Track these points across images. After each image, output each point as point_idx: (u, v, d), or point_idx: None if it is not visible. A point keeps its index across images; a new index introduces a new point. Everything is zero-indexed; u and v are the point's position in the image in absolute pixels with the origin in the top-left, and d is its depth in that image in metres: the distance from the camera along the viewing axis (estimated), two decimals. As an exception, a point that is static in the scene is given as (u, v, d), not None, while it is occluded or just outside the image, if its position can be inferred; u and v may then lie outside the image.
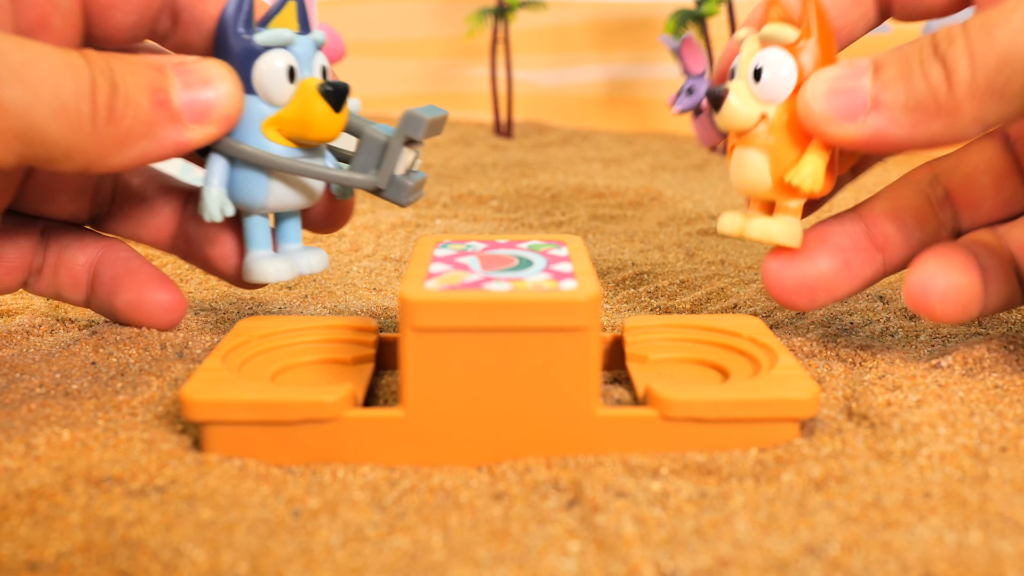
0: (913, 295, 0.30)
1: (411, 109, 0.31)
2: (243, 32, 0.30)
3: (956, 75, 0.27)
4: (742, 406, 0.26)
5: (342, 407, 0.25)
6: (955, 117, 0.27)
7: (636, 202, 0.65)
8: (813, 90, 0.29)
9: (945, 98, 0.27)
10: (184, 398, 0.25)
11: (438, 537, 0.22)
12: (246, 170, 0.31)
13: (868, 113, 0.28)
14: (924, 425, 0.27)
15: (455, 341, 0.25)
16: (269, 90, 0.30)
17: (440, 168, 0.79)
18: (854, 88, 0.28)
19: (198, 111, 0.28)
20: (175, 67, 0.28)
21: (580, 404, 0.25)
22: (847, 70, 0.29)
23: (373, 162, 0.31)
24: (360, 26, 1.31)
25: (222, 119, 0.29)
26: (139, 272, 0.34)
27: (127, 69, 0.28)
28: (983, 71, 0.26)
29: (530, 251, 0.30)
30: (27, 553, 0.21)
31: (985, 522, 0.22)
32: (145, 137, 0.28)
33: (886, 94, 0.28)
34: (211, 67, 0.29)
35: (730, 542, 0.21)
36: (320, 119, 0.30)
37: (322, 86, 0.30)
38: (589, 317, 0.25)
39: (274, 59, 0.30)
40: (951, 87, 0.27)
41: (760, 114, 0.30)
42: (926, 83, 0.27)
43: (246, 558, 0.21)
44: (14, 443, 0.26)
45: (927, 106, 0.27)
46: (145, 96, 0.28)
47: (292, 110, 0.30)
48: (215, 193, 0.31)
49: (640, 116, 1.16)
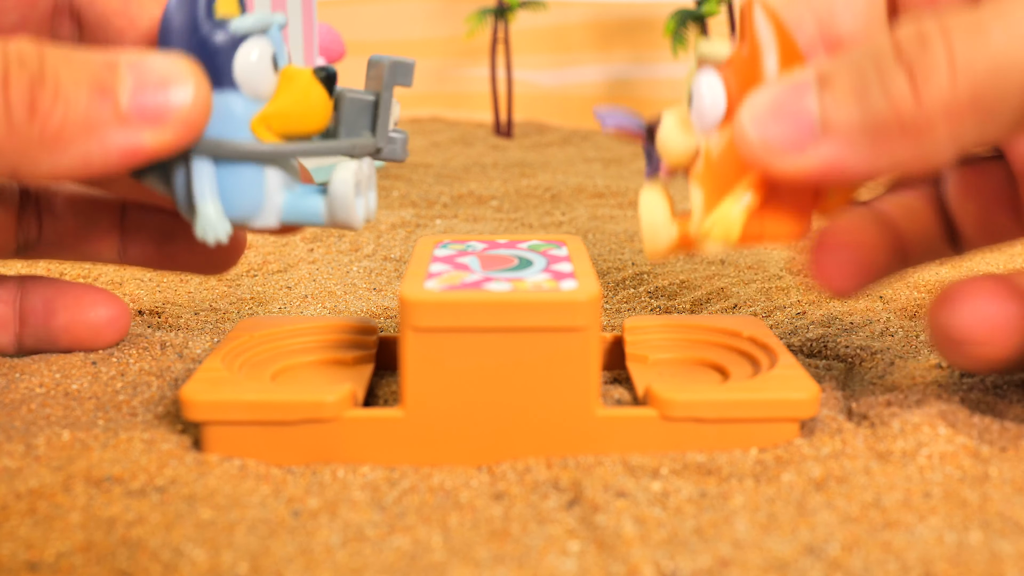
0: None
1: (387, 57, 0.28)
2: (209, 24, 0.26)
3: (928, 86, 0.22)
4: (742, 406, 0.26)
5: (342, 407, 0.25)
6: (925, 138, 0.22)
7: (636, 202, 0.65)
8: (748, 115, 0.24)
9: (912, 114, 0.22)
10: (184, 398, 0.25)
11: (438, 537, 0.22)
12: (237, 173, 0.27)
13: (818, 140, 0.23)
14: (924, 425, 0.27)
15: (455, 341, 0.25)
16: (256, 83, 0.27)
17: (440, 168, 0.79)
18: (798, 110, 0.23)
19: (153, 113, 0.25)
20: (130, 63, 0.25)
21: (580, 404, 0.25)
22: (787, 87, 0.24)
23: (365, 124, 0.29)
24: (360, 26, 1.31)
25: (182, 123, 0.25)
26: (72, 290, 0.32)
27: (64, 61, 0.24)
28: (968, 81, 0.22)
29: (530, 251, 0.30)
30: (27, 553, 0.21)
31: (985, 522, 0.22)
32: (84, 138, 0.24)
33: (837, 114, 0.23)
34: (172, 63, 0.25)
35: (730, 542, 0.21)
36: (318, 107, 0.27)
37: (318, 71, 0.27)
38: (589, 317, 0.25)
39: (256, 48, 0.27)
40: (919, 101, 0.22)
41: (696, 145, 0.26)
42: (886, 98, 0.22)
43: (246, 558, 0.21)
44: (14, 443, 0.26)
45: (889, 126, 0.22)
46: (84, 91, 0.24)
47: (286, 102, 0.27)
48: (213, 212, 0.27)
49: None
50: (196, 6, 0.26)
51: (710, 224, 0.25)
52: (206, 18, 0.26)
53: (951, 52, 0.22)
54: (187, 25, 0.26)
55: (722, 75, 0.25)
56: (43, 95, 0.24)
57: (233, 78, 0.26)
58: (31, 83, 0.24)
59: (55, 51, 0.25)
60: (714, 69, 0.26)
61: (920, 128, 0.22)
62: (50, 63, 0.24)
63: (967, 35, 0.22)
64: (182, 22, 0.26)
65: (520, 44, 1.18)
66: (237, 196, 0.27)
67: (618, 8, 1.17)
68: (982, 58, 0.22)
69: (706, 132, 0.26)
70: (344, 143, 0.28)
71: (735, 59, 0.25)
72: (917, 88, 0.22)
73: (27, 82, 0.24)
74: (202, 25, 0.26)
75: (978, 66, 0.22)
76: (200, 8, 0.26)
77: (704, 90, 0.26)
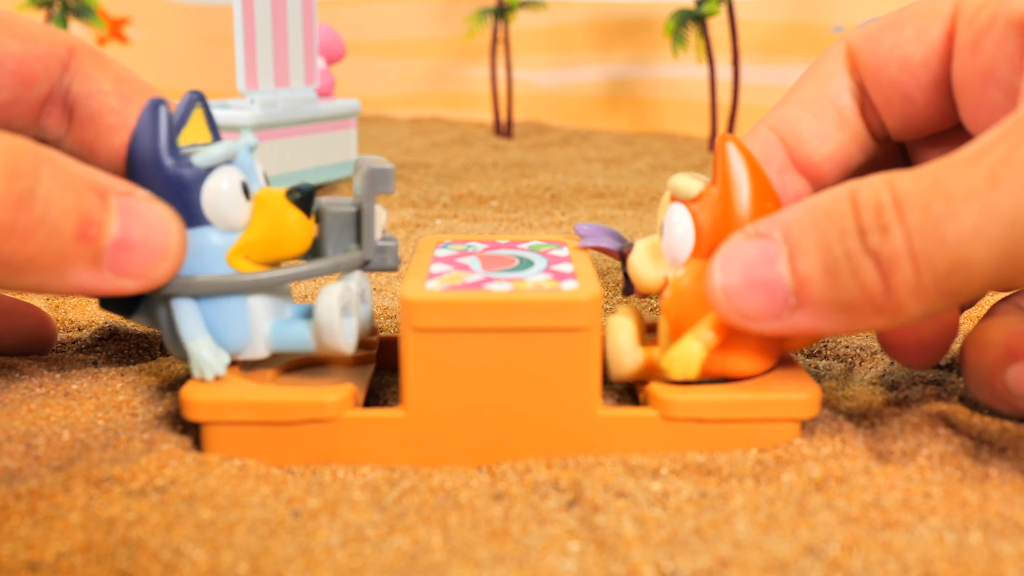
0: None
1: (366, 162, 0.27)
2: (173, 159, 0.25)
3: (896, 276, 0.22)
4: (743, 406, 0.26)
5: (343, 407, 0.25)
6: (898, 314, 0.23)
7: (636, 202, 0.65)
8: (722, 281, 0.24)
9: (883, 299, 0.22)
10: (184, 398, 0.25)
11: (438, 537, 0.22)
12: (219, 308, 0.26)
13: (792, 310, 0.24)
14: (924, 425, 0.27)
15: (456, 341, 0.25)
16: (227, 216, 0.25)
17: (440, 168, 0.79)
18: (770, 279, 0.24)
19: (127, 264, 0.24)
20: (120, 197, 0.24)
21: (581, 404, 0.25)
22: (756, 252, 0.24)
23: (351, 236, 0.28)
24: (360, 26, 1.31)
25: (151, 281, 0.25)
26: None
27: (61, 180, 0.23)
28: (930, 274, 0.22)
29: (531, 251, 0.30)
30: (27, 553, 0.21)
31: (985, 522, 0.22)
32: (48, 270, 0.23)
33: (810, 290, 0.23)
34: (160, 215, 0.24)
35: (730, 542, 0.21)
36: (296, 231, 0.26)
37: (291, 194, 0.26)
38: (590, 317, 0.25)
39: (223, 179, 0.25)
40: (890, 289, 0.22)
41: (663, 277, 0.27)
42: (857, 284, 0.22)
43: (246, 558, 0.21)
44: (14, 443, 0.26)
45: (862, 306, 0.23)
46: (71, 223, 0.23)
47: (260, 230, 0.26)
48: (206, 350, 0.26)
49: (640, 116, 1.16)
50: (158, 139, 0.25)
51: (669, 360, 0.25)
52: (168, 153, 0.25)
53: (912, 246, 0.22)
54: (151, 159, 0.25)
55: (692, 210, 0.26)
56: (31, 216, 0.22)
57: (203, 212, 0.25)
58: (18, 202, 0.22)
59: (54, 164, 0.23)
60: (684, 205, 0.26)
61: (892, 308, 0.23)
62: (47, 179, 0.22)
63: (924, 230, 0.22)
64: (145, 155, 0.25)
65: (520, 44, 1.18)
66: (222, 331, 0.26)
67: (618, 8, 1.17)
68: (940, 255, 0.22)
69: (675, 265, 0.26)
70: (327, 263, 0.27)
71: (706, 195, 0.26)
72: (885, 276, 0.22)
73: (14, 200, 0.22)
74: (164, 161, 0.25)
75: (938, 262, 0.22)
76: (161, 142, 0.25)
77: (674, 226, 0.26)
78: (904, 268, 0.22)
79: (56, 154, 0.23)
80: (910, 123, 0.28)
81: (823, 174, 0.29)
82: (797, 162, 0.29)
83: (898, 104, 0.28)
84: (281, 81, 0.64)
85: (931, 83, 0.27)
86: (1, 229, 0.22)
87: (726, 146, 0.26)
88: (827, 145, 0.29)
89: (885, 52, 0.28)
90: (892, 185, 0.22)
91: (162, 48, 1.45)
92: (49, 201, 0.22)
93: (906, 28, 0.27)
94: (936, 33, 0.27)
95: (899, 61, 0.27)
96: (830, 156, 0.29)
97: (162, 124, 0.25)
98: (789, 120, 0.29)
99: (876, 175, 0.23)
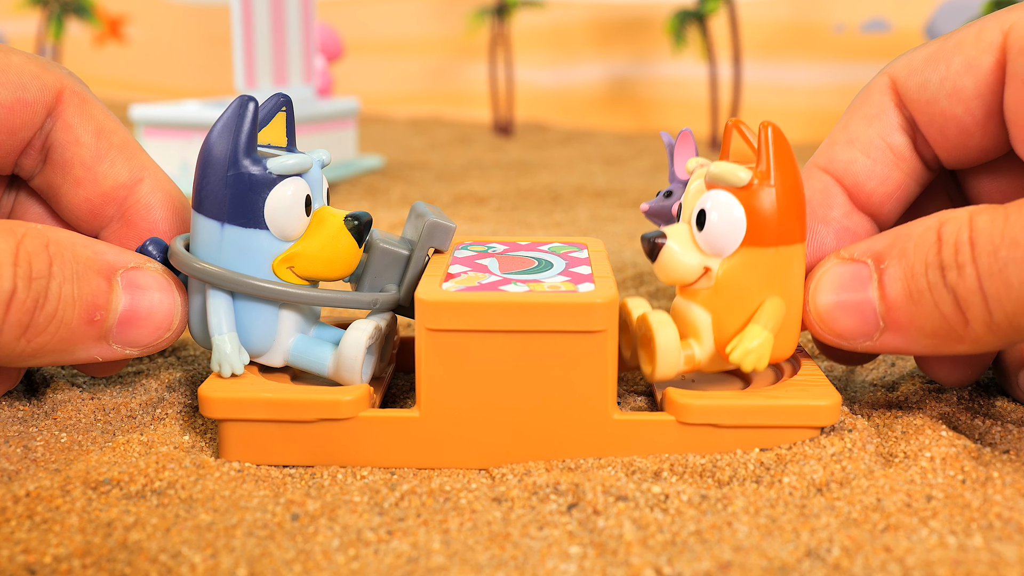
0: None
1: (430, 214, 0.28)
2: (249, 159, 0.25)
3: (972, 312, 0.24)
4: (760, 412, 0.25)
5: (359, 407, 0.25)
6: (978, 344, 0.24)
7: (636, 202, 0.65)
8: (819, 303, 0.26)
9: (963, 331, 0.24)
10: (203, 395, 0.25)
11: (438, 541, 0.22)
12: (251, 310, 0.26)
13: (883, 332, 0.25)
14: (926, 427, 0.26)
15: (471, 342, 0.25)
16: (284, 225, 0.26)
17: (440, 168, 0.79)
18: (861, 302, 0.25)
19: (132, 337, 0.26)
20: (128, 273, 0.26)
21: (596, 407, 0.25)
22: (848, 275, 0.26)
23: (393, 277, 0.29)
24: (360, 26, 1.31)
25: (155, 348, 0.26)
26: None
27: (69, 273, 0.25)
28: (1001, 314, 0.24)
29: (550, 253, 0.30)
30: (25, 556, 0.21)
31: (987, 525, 0.22)
32: (58, 352, 0.25)
33: (897, 316, 0.25)
34: (164, 287, 0.26)
35: (731, 546, 0.21)
36: (346, 256, 0.26)
37: (348, 220, 0.26)
38: (606, 320, 0.25)
39: (290, 189, 0.26)
40: (968, 323, 0.24)
41: (703, 267, 0.26)
42: (939, 315, 0.24)
43: (245, 561, 0.21)
44: (12, 445, 0.26)
45: (945, 334, 0.24)
46: (78, 314, 0.25)
47: (313, 247, 0.26)
48: (229, 346, 0.26)
49: (640, 116, 1.16)
50: (238, 140, 0.25)
51: (743, 353, 0.25)
52: (245, 152, 0.25)
53: (983, 288, 0.24)
54: (227, 157, 0.25)
55: (742, 198, 0.25)
56: (40, 318, 0.24)
57: (263, 216, 0.26)
58: (34, 305, 0.24)
59: (63, 257, 0.24)
60: (731, 193, 0.25)
61: (972, 339, 0.24)
62: (56, 278, 0.24)
63: (992, 273, 0.23)
64: (222, 153, 0.25)
65: (520, 43, 1.18)
66: (249, 332, 0.26)
67: (618, 8, 1.17)
68: (1009, 299, 0.23)
69: (719, 254, 0.26)
70: (367, 297, 0.27)
71: (758, 182, 0.25)
72: (963, 312, 0.24)
73: (31, 304, 0.24)
74: (240, 159, 0.25)
75: (1006, 304, 0.23)
76: (242, 139, 0.25)
77: (723, 215, 0.25)
78: (978, 306, 0.24)
79: (63, 238, 0.25)
80: (963, 154, 0.28)
81: (885, 212, 0.29)
82: (858, 203, 0.29)
83: (952, 137, 0.28)
84: (280, 79, 0.64)
85: (984, 114, 0.27)
86: (18, 328, 0.24)
87: (769, 130, 0.25)
88: (886, 185, 0.29)
89: (935, 85, 0.27)
90: (972, 223, 0.24)
91: (160, 46, 1.45)
92: (59, 298, 0.24)
93: (954, 59, 0.27)
94: (987, 64, 0.26)
95: (950, 94, 0.27)
96: (890, 195, 0.29)
97: (247, 122, 0.25)
98: (843, 162, 0.29)
99: (963, 209, 0.24)
